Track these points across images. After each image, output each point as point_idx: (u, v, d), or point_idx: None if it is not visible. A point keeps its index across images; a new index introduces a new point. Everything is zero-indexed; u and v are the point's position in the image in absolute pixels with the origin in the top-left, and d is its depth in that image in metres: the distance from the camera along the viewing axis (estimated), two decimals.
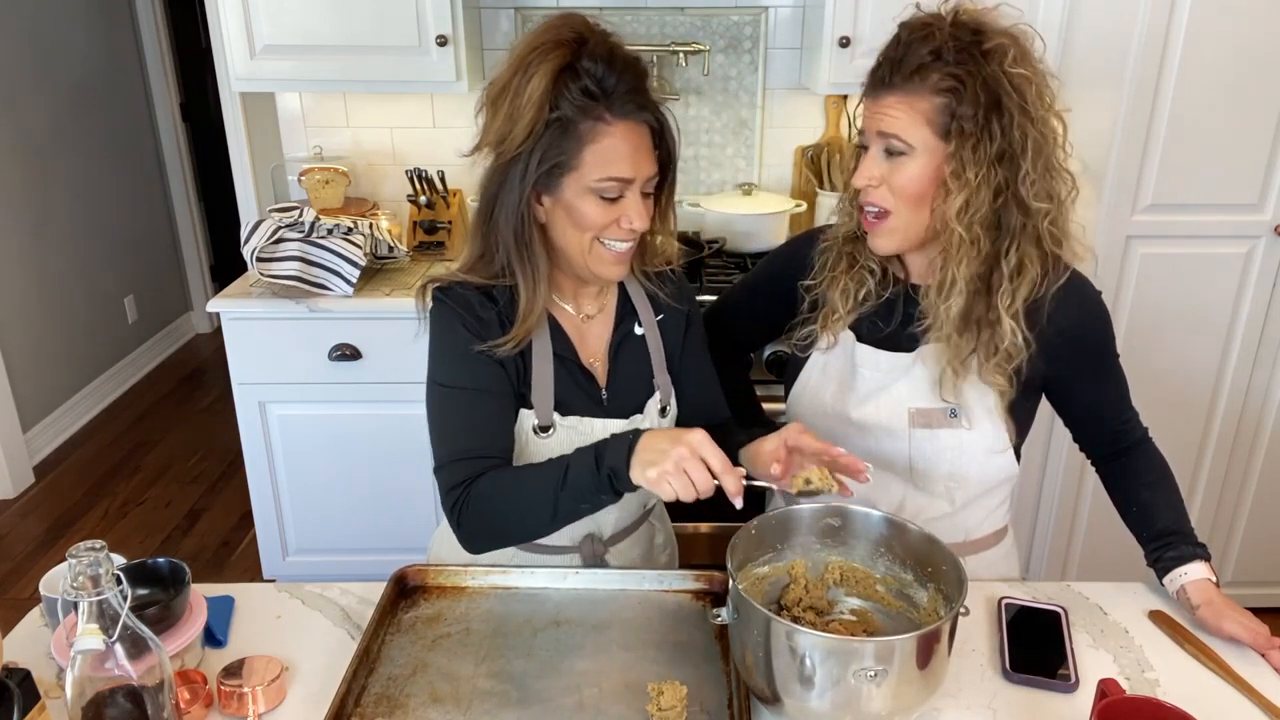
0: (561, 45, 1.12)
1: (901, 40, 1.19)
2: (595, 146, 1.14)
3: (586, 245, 1.20)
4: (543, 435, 1.27)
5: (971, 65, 1.16)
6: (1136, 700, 0.97)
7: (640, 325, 1.33)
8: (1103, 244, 2.21)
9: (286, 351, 2.35)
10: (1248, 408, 2.36)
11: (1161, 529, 1.28)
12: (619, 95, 1.13)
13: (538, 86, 1.11)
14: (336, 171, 2.60)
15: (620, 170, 1.15)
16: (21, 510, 3.28)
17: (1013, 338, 1.22)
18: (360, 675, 1.11)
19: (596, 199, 1.16)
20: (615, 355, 1.32)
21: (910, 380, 1.30)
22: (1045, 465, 2.41)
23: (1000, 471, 1.33)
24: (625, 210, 1.18)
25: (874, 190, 1.23)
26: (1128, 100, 2.09)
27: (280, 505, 2.53)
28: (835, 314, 1.33)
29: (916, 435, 1.30)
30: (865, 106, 1.24)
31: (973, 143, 1.17)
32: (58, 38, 3.77)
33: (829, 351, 1.36)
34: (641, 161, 1.17)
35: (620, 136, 1.14)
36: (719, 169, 2.81)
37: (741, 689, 1.08)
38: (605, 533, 1.37)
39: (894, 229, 1.24)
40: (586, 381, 1.30)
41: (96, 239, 4.02)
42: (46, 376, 3.64)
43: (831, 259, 1.36)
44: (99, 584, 0.85)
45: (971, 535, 1.37)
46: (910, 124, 1.18)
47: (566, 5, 2.62)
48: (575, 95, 1.12)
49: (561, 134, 1.13)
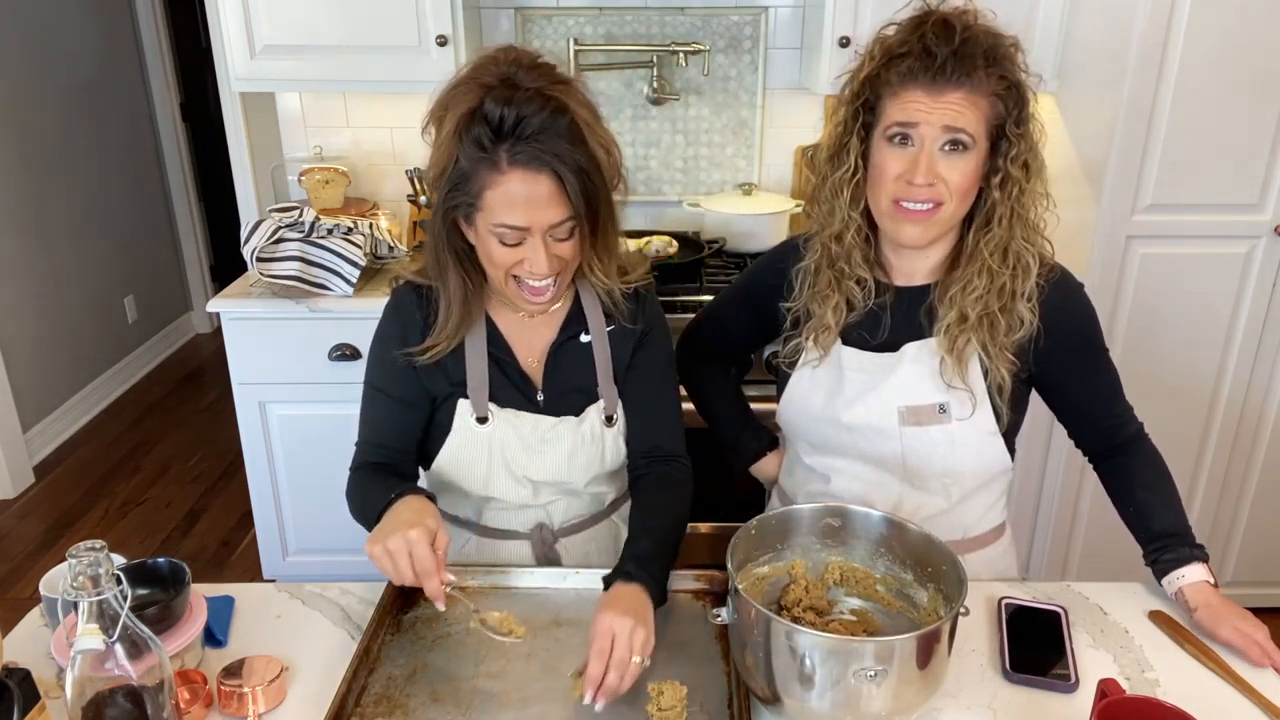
0: (477, 88, 1.14)
1: (955, 34, 1.16)
2: (491, 193, 1.15)
3: (502, 280, 1.22)
4: (482, 425, 1.31)
5: (1010, 69, 1.19)
6: (1136, 700, 0.97)
7: (588, 333, 1.33)
8: (1103, 244, 2.21)
9: (286, 351, 2.35)
10: (1248, 407, 2.36)
11: (1159, 530, 1.27)
12: (520, 143, 1.12)
13: (447, 128, 1.15)
14: (336, 171, 2.60)
15: (513, 219, 1.15)
16: (21, 510, 3.27)
17: (1031, 317, 1.24)
18: (360, 676, 1.11)
19: (497, 242, 1.18)
20: (554, 358, 1.33)
21: (898, 379, 1.30)
22: (1045, 465, 2.41)
23: (995, 464, 1.33)
24: (525, 255, 1.18)
25: (930, 188, 1.19)
26: (1128, 100, 2.09)
27: (280, 505, 2.53)
28: (826, 329, 1.32)
29: (908, 434, 1.30)
30: (911, 98, 1.18)
31: (1006, 145, 1.20)
32: (58, 38, 3.77)
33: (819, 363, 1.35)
34: (541, 209, 1.15)
35: (514, 185, 1.13)
36: (719, 169, 2.81)
37: (741, 689, 1.08)
38: (554, 523, 1.39)
39: (941, 221, 1.22)
40: (521, 381, 1.32)
41: (96, 239, 4.02)
42: (46, 376, 3.64)
43: (813, 277, 1.33)
44: (99, 584, 0.85)
45: (970, 533, 1.37)
46: (975, 119, 1.17)
47: (567, 6, 2.63)
48: (469, 144, 1.13)
49: (463, 177, 1.15)
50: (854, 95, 1.24)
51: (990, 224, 1.23)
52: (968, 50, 1.16)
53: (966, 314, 1.24)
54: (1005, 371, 1.25)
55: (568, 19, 2.65)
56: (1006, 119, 1.19)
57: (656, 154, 2.80)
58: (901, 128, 1.19)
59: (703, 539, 2.43)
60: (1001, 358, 1.25)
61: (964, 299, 1.24)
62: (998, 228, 1.22)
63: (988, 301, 1.23)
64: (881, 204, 1.23)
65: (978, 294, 1.23)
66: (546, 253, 1.17)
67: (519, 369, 1.32)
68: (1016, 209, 1.22)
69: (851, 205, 1.26)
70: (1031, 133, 1.21)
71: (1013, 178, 1.20)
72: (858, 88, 1.23)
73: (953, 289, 1.26)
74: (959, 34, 1.16)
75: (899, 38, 1.20)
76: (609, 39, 2.66)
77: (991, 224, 1.22)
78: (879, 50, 1.21)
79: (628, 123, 2.75)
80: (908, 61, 1.17)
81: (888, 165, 1.21)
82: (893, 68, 1.19)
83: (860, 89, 1.23)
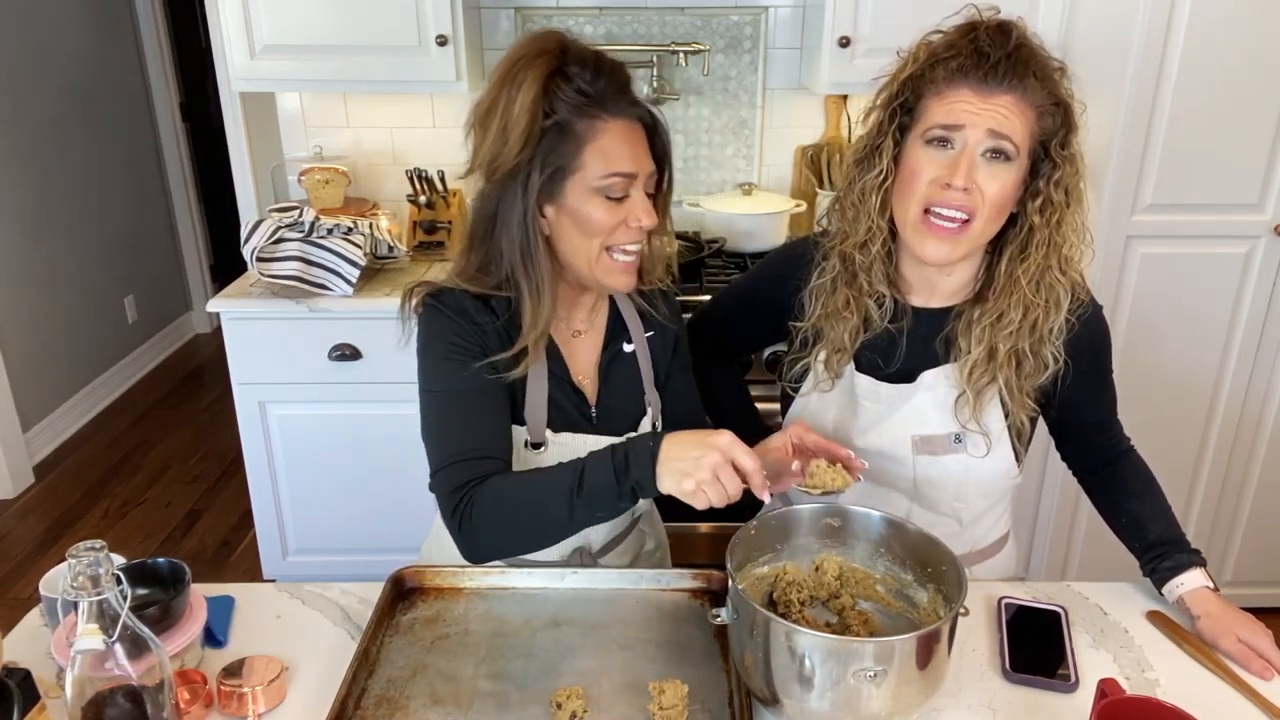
0: (545, 54, 1.12)
1: (1011, 38, 1.11)
2: (595, 145, 1.13)
3: (595, 254, 1.18)
4: (534, 451, 1.25)
5: (1058, 88, 1.14)
6: (1136, 700, 0.97)
7: (630, 342, 1.32)
8: (1103, 244, 2.21)
9: (286, 351, 2.35)
10: (1248, 408, 2.36)
11: (1154, 539, 1.27)
12: (610, 94, 1.14)
13: (529, 94, 1.11)
14: (336, 171, 2.60)
15: (623, 165, 1.14)
16: (21, 510, 3.27)
17: (1057, 359, 1.20)
18: (360, 677, 1.11)
19: (602, 199, 1.15)
20: (605, 372, 1.31)
21: (912, 408, 1.27)
22: (1045, 468, 2.41)
23: (1006, 488, 1.33)
24: (632, 208, 1.16)
25: (965, 194, 1.13)
26: (1128, 100, 2.09)
27: (280, 505, 2.53)
28: (840, 352, 1.27)
29: (920, 462, 1.29)
30: (958, 97, 1.12)
31: (1049, 167, 1.14)
32: (58, 38, 3.77)
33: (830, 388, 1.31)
34: (641, 157, 1.17)
35: (618, 133, 1.14)
36: (719, 169, 2.81)
37: (742, 688, 1.08)
38: (595, 546, 1.36)
39: (969, 239, 1.15)
40: (576, 399, 1.28)
41: (96, 239, 4.02)
42: (46, 376, 3.64)
43: (828, 296, 1.27)
44: (99, 584, 0.85)
45: (978, 545, 1.37)
46: (1021, 129, 1.11)
47: (567, 6, 2.63)
48: (570, 96, 1.12)
49: (559, 137, 1.13)
50: (891, 97, 1.19)
51: (1027, 250, 1.17)
52: (1022, 56, 1.11)
53: (996, 349, 1.19)
54: (1025, 417, 1.23)
55: (568, 19, 2.65)
56: (1052, 138, 1.14)
57: None
58: (944, 130, 1.13)
59: (703, 539, 2.43)
60: (1022, 402, 1.21)
61: (996, 333, 1.19)
62: (1035, 254, 1.16)
63: (1019, 337, 1.18)
64: (910, 213, 1.17)
65: (1012, 328, 1.18)
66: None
67: (575, 388, 1.28)
68: (1054, 237, 1.16)
69: (879, 213, 1.20)
70: (1077, 159, 1.16)
71: (1054, 203, 1.15)
72: (896, 89, 1.18)
73: (982, 321, 1.20)
74: (1014, 39, 1.12)
75: (948, 40, 1.15)
76: (609, 39, 2.66)
77: (1029, 250, 1.17)
78: (924, 52, 1.16)
79: None
80: (958, 60, 1.12)
81: (923, 168, 1.14)
82: (940, 67, 1.14)
83: (899, 90, 1.17)
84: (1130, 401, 1.37)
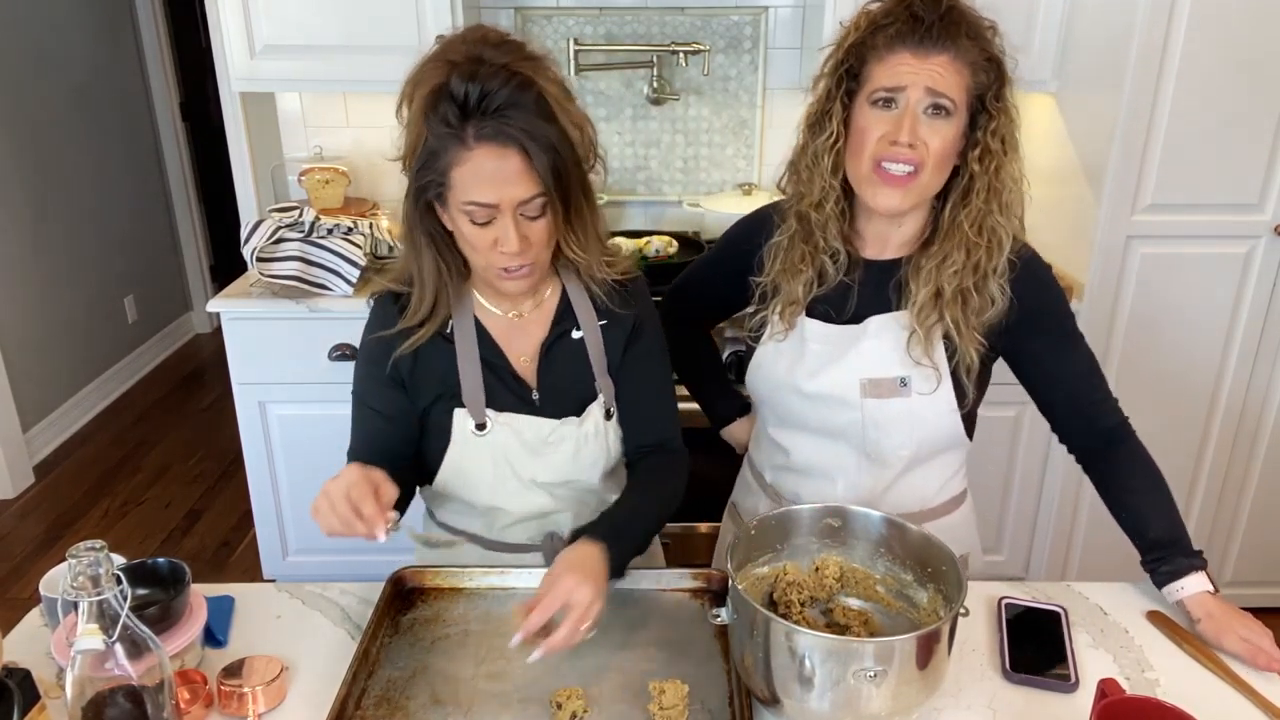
0: (446, 66, 1.13)
1: (944, 3, 1.20)
2: (459, 170, 1.14)
3: (482, 264, 1.22)
4: (480, 433, 1.29)
5: (990, 44, 1.22)
6: (1136, 700, 0.97)
7: (579, 329, 1.32)
8: (1103, 244, 2.21)
9: (286, 351, 2.35)
10: (1248, 408, 2.36)
11: (1155, 539, 1.27)
12: (486, 119, 1.11)
13: (416, 108, 1.15)
14: (336, 171, 2.59)
15: (481, 196, 1.14)
16: (21, 510, 3.27)
17: (1002, 296, 1.26)
18: (360, 678, 1.11)
19: (468, 220, 1.17)
20: (546, 356, 1.32)
21: (859, 352, 1.31)
22: (1045, 466, 2.41)
23: (951, 438, 1.35)
24: (496, 235, 1.17)
25: (911, 149, 1.21)
26: (1128, 100, 2.09)
27: (280, 505, 2.53)
28: (794, 304, 1.34)
29: (869, 405, 1.31)
30: (898, 60, 1.20)
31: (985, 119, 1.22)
32: (58, 38, 3.77)
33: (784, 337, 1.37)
34: (509, 185, 1.13)
35: (480, 161, 1.12)
36: (719, 169, 2.81)
37: (742, 688, 1.08)
38: (563, 530, 1.37)
39: (918, 188, 1.23)
40: (515, 383, 1.31)
41: (96, 239, 4.02)
42: (46, 376, 3.64)
43: (785, 253, 1.34)
44: (99, 584, 0.85)
45: (929, 503, 1.39)
46: (958, 85, 1.20)
47: (567, 6, 2.63)
48: (436, 121, 1.13)
49: (431, 157, 1.15)
50: (837, 64, 1.26)
51: (969, 197, 1.25)
52: (953, 18, 1.20)
53: (942, 289, 1.26)
54: (974, 352, 1.27)
55: (568, 19, 2.65)
56: (987, 91, 1.22)
57: (656, 154, 2.80)
58: (888, 91, 1.21)
59: (703, 539, 2.43)
60: (971, 338, 1.27)
61: (940, 274, 1.26)
62: (976, 200, 1.24)
63: (963, 277, 1.25)
64: (862, 168, 1.24)
65: (955, 268, 1.25)
66: (517, 231, 1.16)
67: (511, 371, 1.31)
68: (994, 184, 1.24)
69: (832, 173, 1.28)
70: (1010, 110, 1.24)
71: (991, 151, 1.23)
72: (841, 56, 1.25)
73: (928, 264, 1.27)
74: (945, 3, 1.20)
75: (885, 8, 1.23)
76: (609, 39, 2.66)
77: (970, 197, 1.24)
78: (865, 21, 1.24)
79: (628, 123, 2.75)
80: (896, 25, 1.20)
81: (871, 128, 1.22)
82: (880, 33, 1.22)
83: (845, 57, 1.25)
84: (1130, 401, 1.37)
